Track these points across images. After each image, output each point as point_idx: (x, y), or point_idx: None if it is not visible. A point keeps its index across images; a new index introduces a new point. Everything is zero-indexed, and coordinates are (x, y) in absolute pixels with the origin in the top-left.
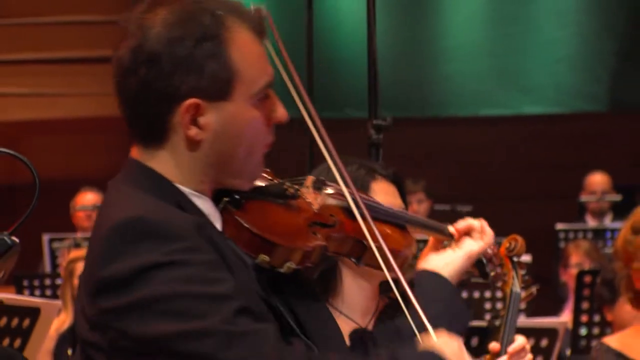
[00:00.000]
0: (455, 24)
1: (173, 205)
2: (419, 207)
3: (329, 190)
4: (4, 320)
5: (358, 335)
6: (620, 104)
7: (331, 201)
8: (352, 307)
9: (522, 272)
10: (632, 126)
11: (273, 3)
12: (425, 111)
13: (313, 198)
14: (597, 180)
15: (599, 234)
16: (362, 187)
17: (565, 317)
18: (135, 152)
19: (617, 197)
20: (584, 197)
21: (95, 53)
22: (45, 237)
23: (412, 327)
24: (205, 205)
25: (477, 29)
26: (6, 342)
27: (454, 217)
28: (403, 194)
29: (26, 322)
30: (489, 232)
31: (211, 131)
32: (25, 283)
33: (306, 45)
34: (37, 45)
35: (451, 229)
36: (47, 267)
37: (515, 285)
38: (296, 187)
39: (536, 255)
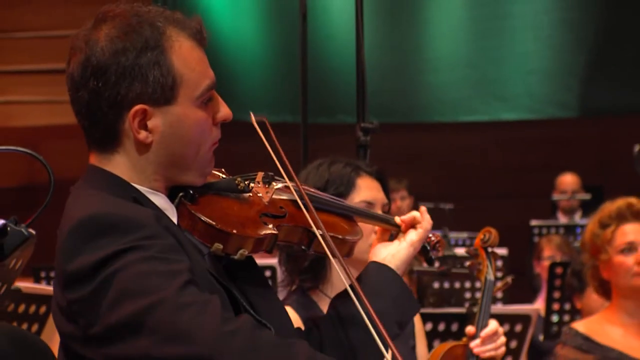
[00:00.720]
0: (438, 37)
1: (131, 202)
2: (402, 203)
3: (278, 185)
4: (23, 306)
5: None
6: (589, 110)
7: (280, 194)
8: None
9: (496, 262)
10: (600, 131)
11: (269, 17)
12: (410, 117)
13: (264, 192)
14: (568, 180)
15: (570, 229)
16: (348, 182)
17: (538, 305)
18: (93, 159)
19: (586, 196)
20: (555, 196)
21: None
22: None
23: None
24: (160, 201)
25: (458, 42)
26: (24, 327)
27: (437, 214)
28: (386, 189)
29: (42, 309)
30: (427, 219)
31: (159, 133)
32: (43, 274)
33: (300, 56)
34: (55, 57)
35: (397, 219)
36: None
37: (489, 274)
38: (247, 182)
39: (512, 249)
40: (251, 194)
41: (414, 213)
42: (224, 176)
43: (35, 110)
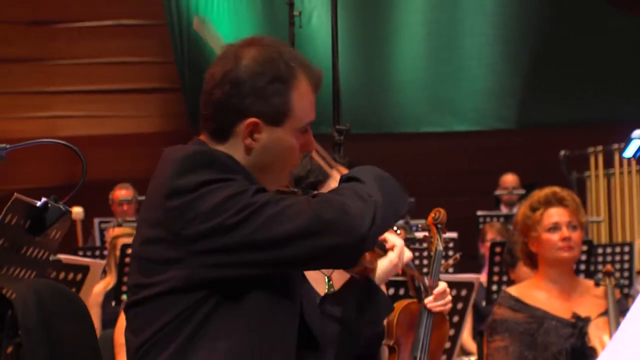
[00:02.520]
0: (402, 64)
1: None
2: None
3: None
4: (62, 274)
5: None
6: (524, 123)
7: None
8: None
9: (444, 235)
10: (533, 140)
11: None
12: (379, 128)
13: None
14: (509, 179)
15: (509, 218)
16: (325, 172)
17: (482, 278)
18: (203, 139)
19: (523, 192)
20: (498, 192)
21: (132, 86)
22: (96, 221)
23: None
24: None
25: (418, 68)
26: None
27: None
28: None
29: (79, 276)
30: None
31: (261, 145)
32: (80, 253)
33: None
34: (91, 80)
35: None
36: (97, 242)
37: (439, 245)
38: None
39: (462, 234)
40: None
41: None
42: (287, 187)
43: (76, 123)
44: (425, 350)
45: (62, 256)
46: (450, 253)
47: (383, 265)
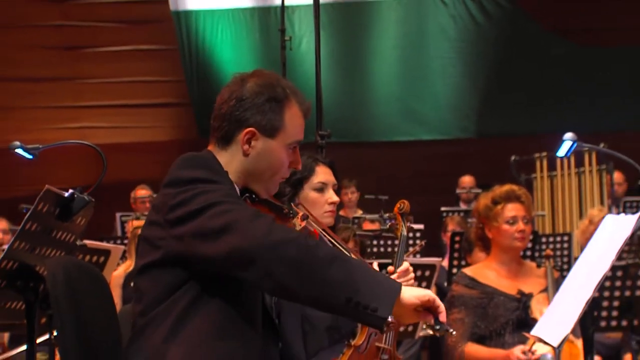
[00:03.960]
0: (378, 82)
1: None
2: (352, 196)
3: (312, 223)
4: (88, 257)
5: None
6: (481, 133)
7: (309, 227)
8: None
9: (408, 222)
10: (489, 147)
11: (261, 64)
12: (358, 137)
13: (299, 223)
14: (467, 180)
15: (467, 213)
16: (310, 169)
17: (444, 263)
18: (211, 147)
19: (479, 191)
20: (458, 191)
21: (149, 101)
22: (118, 214)
23: None
24: (237, 190)
25: (391, 85)
26: None
27: (376, 203)
28: (335, 175)
29: (102, 259)
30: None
31: (256, 151)
32: (104, 241)
33: None
34: (116, 96)
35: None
36: (118, 232)
37: (404, 231)
38: (292, 212)
39: (427, 225)
40: (289, 218)
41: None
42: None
43: (101, 132)
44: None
45: (87, 241)
46: (417, 241)
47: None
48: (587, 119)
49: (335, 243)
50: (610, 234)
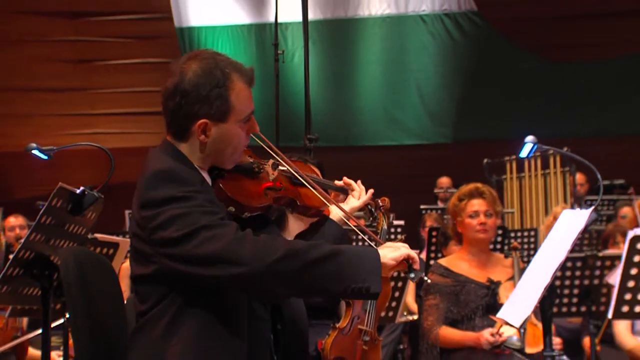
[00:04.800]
0: (363, 92)
1: (188, 168)
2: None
3: (281, 167)
4: (98, 249)
5: None
6: (457, 138)
7: (281, 174)
8: (292, 236)
9: (388, 217)
10: (464, 151)
11: (257, 77)
12: (346, 142)
13: (271, 172)
14: (444, 181)
15: (444, 210)
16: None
17: (423, 255)
18: (169, 138)
19: (455, 190)
20: (436, 190)
21: (156, 109)
22: (126, 212)
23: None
24: (205, 175)
25: (376, 94)
26: None
27: None
28: (323, 173)
29: (111, 251)
30: (358, 187)
31: (212, 138)
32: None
33: (276, 103)
34: (126, 105)
35: (339, 182)
36: (127, 228)
37: (384, 225)
38: (262, 165)
39: (408, 222)
40: (262, 173)
41: (351, 181)
42: (249, 156)
43: (112, 137)
44: (373, 304)
45: (98, 235)
46: (398, 236)
47: (349, 203)
48: (553, 126)
49: (307, 179)
50: (566, 226)
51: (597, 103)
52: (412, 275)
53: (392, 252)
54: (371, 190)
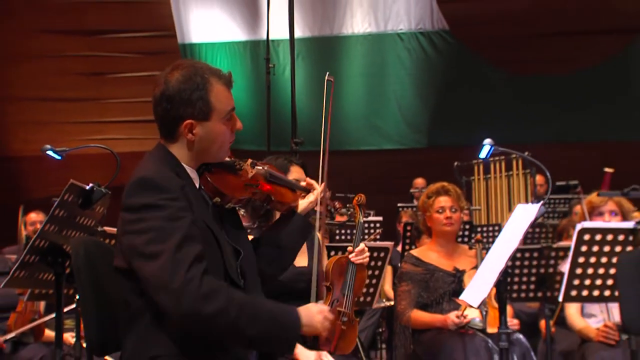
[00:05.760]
0: (347, 101)
1: (173, 172)
2: (325, 194)
3: (259, 167)
4: (107, 240)
5: None
6: (431, 143)
7: (258, 172)
8: None
9: (365, 212)
10: (436, 154)
11: (251, 88)
12: (331, 147)
13: (250, 171)
14: (419, 181)
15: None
16: (284, 168)
17: (399, 247)
18: (162, 141)
19: None
20: (412, 190)
21: None
22: None
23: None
24: (192, 172)
25: (359, 104)
26: None
27: (345, 200)
28: (306, 172)
29: (113, 242)
30: (318, 188)
31: (199, 137)
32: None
33: (267, 111)
34: (134, 113)
35: (303, 183)
36: None
37: (361, 219)
38: (241, 164)
39: (386, 218)
40: (242, 171)
41: (312, 181)
42: (230, 157)
43: (122, 143)
44: (351, 288)
45: (107, 228)
46: (377, 230)
47: (307, 200)
48: (516, 133)
49: (282, 180)
50: (520, 218)
51: (555, 113)
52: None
53: (321, 322)
54: (323, 184)
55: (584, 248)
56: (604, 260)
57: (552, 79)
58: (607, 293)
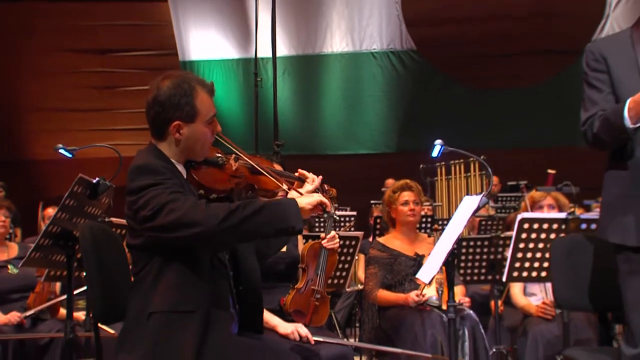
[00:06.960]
0: (326, 110)
1: (164, 163)
2: None
3: (241, 161)
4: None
5: None
6: (400, 148)
7: (241, 165)
8: None
9: (335, 203)
10: (405, 158)
11: (242, 99)
12: (312, 151)
13: (233, 164)
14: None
15: None
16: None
17: (370, 238)
18: (153, 140)
19: None
20: (383, 189)
21: None
22: None
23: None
24: (180, 166)
25: (336, 113)
26: None
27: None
28: (285, 169)
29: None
30: (313, 176)
31: (185, 136)
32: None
33: (255, 118)
34: (141, 122)
35: (296, 174)
36: None
37: (332, 210)
38: (226, 158)
39: (359, 213)
40: (226, 164)
41: (304, 172)
42: (217, 152)
43: (130, 148)
44: (323, 270)
45: (113, 219)
46: (348, 222)
47: (305, 188)
48: (475, 139)
49: (264, 170)
50: (465, 207)
51: (507, 122)
52: (326, 215)
53: (307, 199)
54: (320, 177)
55: (524, 235)
56: (540, 245)
57: (505, 93)
58: (543, 274)
